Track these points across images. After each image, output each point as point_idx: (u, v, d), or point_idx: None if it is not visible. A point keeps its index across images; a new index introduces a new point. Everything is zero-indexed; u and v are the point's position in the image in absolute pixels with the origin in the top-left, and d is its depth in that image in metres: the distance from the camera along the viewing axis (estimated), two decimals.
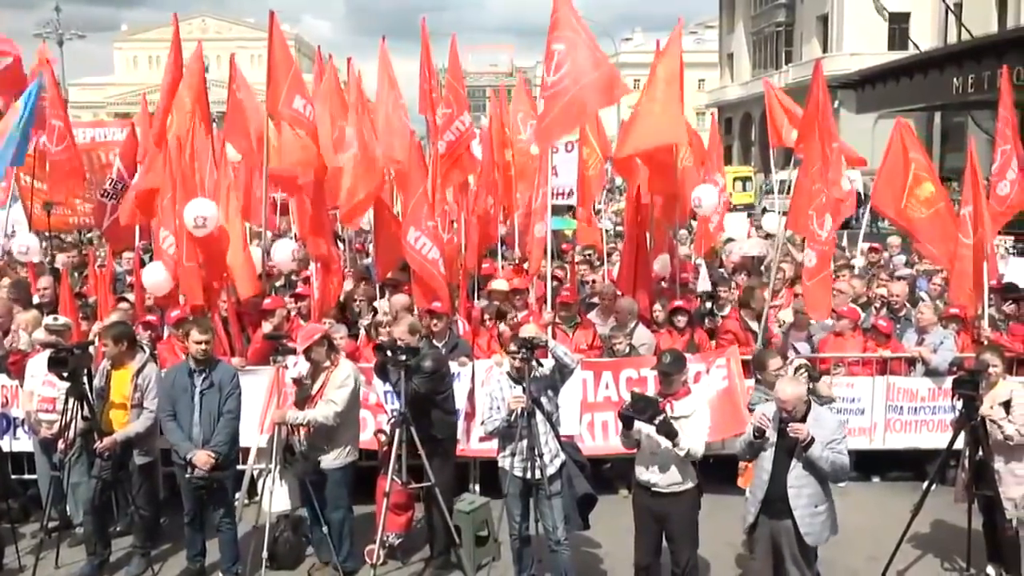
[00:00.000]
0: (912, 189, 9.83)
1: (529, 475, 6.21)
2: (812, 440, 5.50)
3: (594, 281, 11.46)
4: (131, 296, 9.65)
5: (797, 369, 6.95)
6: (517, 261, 12.54)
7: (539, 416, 6.26)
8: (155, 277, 9.06)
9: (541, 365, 6.36)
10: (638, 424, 5.86)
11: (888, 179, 10.14)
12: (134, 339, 7.34)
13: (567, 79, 8.09)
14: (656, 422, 5.65)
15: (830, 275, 8.82)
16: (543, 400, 6.33)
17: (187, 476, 6.69)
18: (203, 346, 6.73)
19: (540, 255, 10.06)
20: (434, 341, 8.01)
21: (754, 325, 8.93)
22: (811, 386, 6.57)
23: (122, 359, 7.07)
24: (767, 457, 5.75)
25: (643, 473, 6.05)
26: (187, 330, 7.19)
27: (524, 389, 6.17)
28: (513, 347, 6.34)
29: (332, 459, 6.81)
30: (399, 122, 10.10)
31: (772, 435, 5.72)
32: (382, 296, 9.98)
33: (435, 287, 8.79)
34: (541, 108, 8.59)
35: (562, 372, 6.39)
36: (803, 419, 5.65)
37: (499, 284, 10.19)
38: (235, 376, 6.90)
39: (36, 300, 9.52)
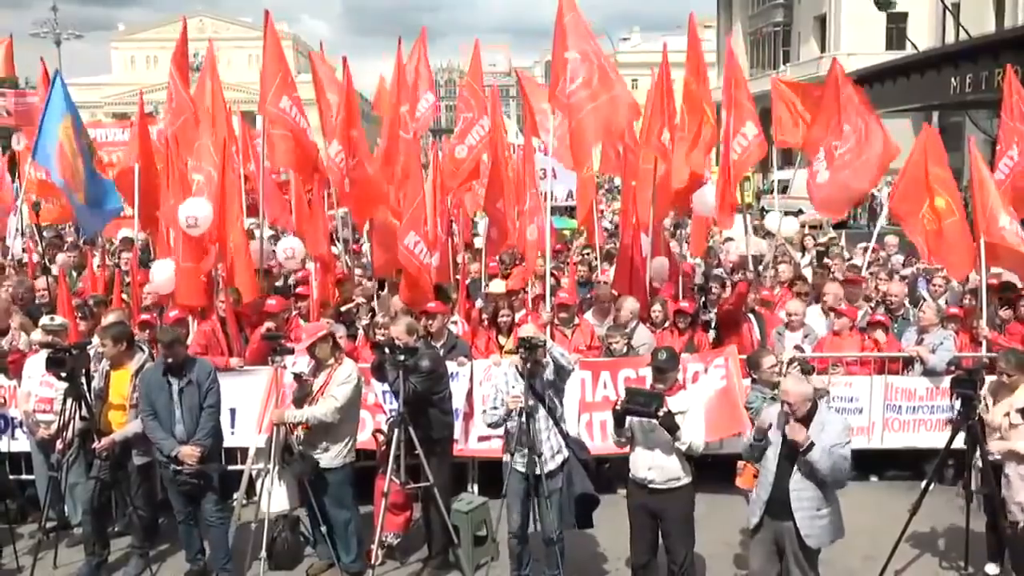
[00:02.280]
0: (931, 202, 9.31)
1: (530, 470, 6.20)
2: (811, 445, 5.49)
3: (604, 283, 11.39)
4: (126, 297, 9.64)
5: (790, 362, 6.96)
6: (516, 262, 12.51)
7: (540, 413, 6.27)
8: (163, 274, 9.01)
9: (544, 366, 6.34)
10: (632, 420, 5.86)
11: (909, 189, 9.57)
12: (133, 339, 7.32)
13: (582, 91, 8.12)
14: (660, 414, 5.64)
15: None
16: (545, 397, 6.32)
17: (173, 473, 6.66)
18: (169, 360, 6.67)
19: (534, 257, 10.03)
20: (432, 341, 8.01)
21: None
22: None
23: (121, 359, 7.06)
24: (771, 459, 5.72)
25: (639, 470, 6.03)
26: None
27: (524, 389, 6.17)
28: (512, 347, 6.35)
29: (332, 457, 6.78)
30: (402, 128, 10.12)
31: (776, 437, 5.69)
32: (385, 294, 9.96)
33: (427, 290, 8.78)
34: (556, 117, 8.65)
35: (560, 373, 6.38)
36: (807, 420, 5.58)
37: (496, 286, 10.18)
38: (211, 372, 6.84)
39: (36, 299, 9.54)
